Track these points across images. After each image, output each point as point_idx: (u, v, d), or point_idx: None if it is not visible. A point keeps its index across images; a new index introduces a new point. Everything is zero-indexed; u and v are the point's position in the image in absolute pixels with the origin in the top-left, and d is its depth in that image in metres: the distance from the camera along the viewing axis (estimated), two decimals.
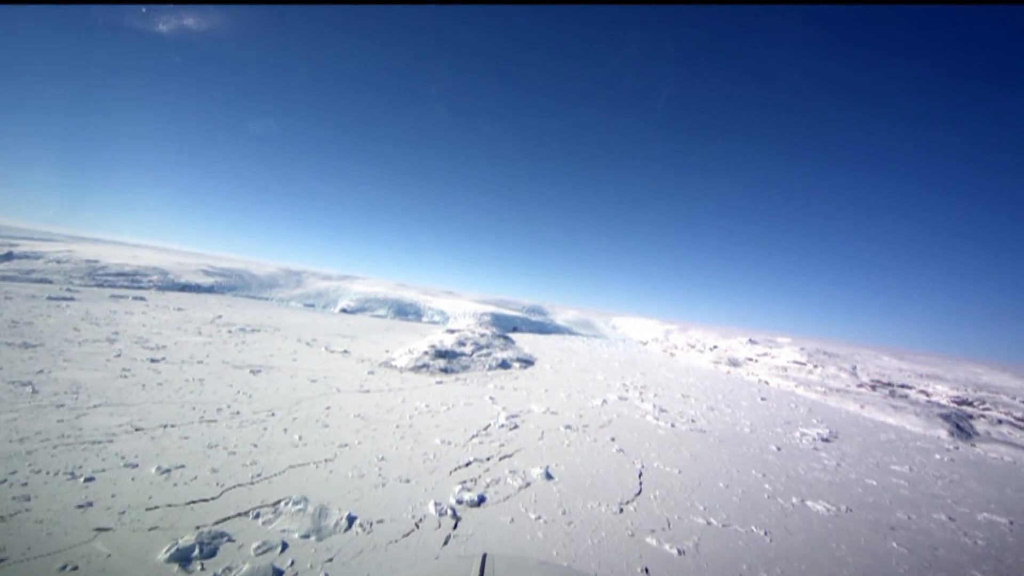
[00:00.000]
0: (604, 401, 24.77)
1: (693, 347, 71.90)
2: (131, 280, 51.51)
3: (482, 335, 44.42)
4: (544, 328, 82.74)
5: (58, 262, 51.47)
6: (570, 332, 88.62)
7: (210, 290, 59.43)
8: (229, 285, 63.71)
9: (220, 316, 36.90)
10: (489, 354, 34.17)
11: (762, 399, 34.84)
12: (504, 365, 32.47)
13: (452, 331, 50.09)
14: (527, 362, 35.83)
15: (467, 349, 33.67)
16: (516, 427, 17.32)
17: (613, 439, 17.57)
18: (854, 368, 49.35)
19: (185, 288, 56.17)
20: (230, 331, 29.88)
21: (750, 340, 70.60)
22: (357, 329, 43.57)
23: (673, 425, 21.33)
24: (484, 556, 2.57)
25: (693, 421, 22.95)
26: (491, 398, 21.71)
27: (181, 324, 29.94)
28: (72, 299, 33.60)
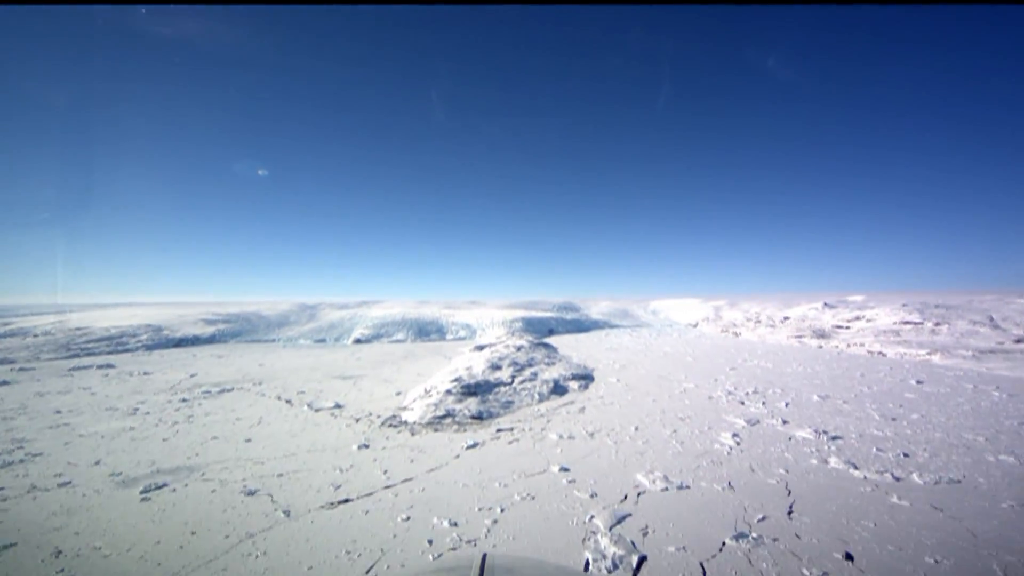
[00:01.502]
0: (735, 436, 15.17)
1: (759, 322, 60.93)
2: (116, 344, 44.47)
3: (518, 348, 35.30)
4: (582, 325, 73.11)
5: (35, 336, 44.98)
6: (610, 325, 78.72)
7: (211, 340, 52.22)
8: (233, 331, 56.50)
9: (194, 375, 28.85)
10: (535, 376, 24.90)
11: (917, 382, 24.49)
12: (558, 390, 23.13)
13: (482, 347, 41.11)
14: (585, 378, 26.41)
15: (504, 373, 24.53)
16: (642, 561, 8.02)
17: (849, 557, 8.08)
18: (991, 319, 38.03)
19: (180, 343, 49.00)
20: (185, 399, 21.55)
21: (825, 304, 59.27)
22: (368, 363, 35.02)
23: (897, 478, 11.58)
24: (484, 556, 2.37)
25: (906, 456, 13.14)
26: (563, 469, 12.42)
27: (122, 399, 21.80)
28: (5, 383, 26.02)
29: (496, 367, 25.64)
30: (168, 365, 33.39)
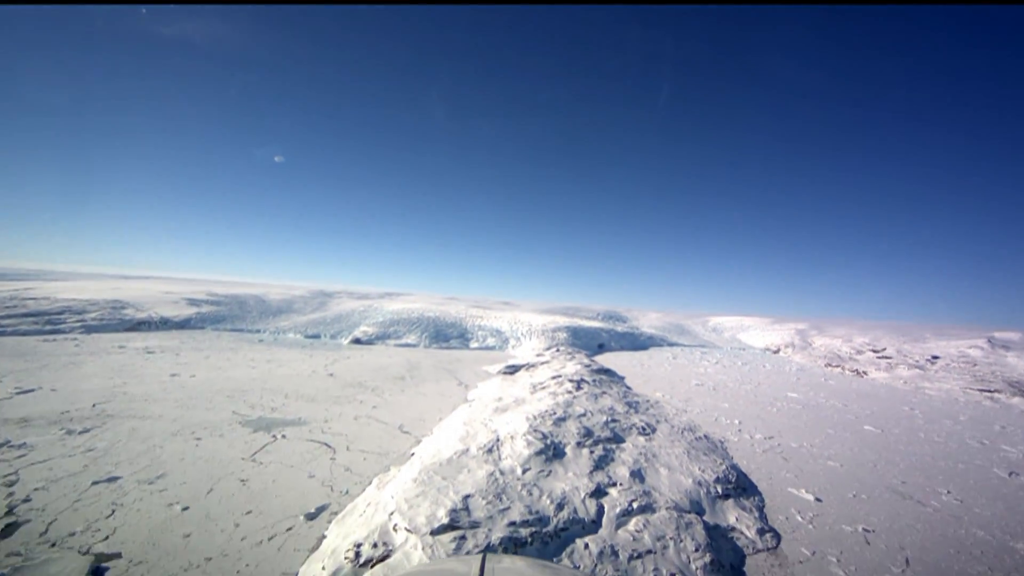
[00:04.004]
0: None
1: (887, 358, 43.61)
2: (47, 321, 33.19)
3: (578, 382, 20.87)
4: (637, 341, 57.56)
5: None
6: (667, 343, 62.71)
7: (183, 325, 40.66)
8: (216, 316, 44.96)
9: (23, 392, 16.19)
10: (642, 482, 10.29)
11: None
12: (722, 568, 8.57)
13: (515, 368, 26.85)
14: (741, 487, 11.64)
15: (574, 479, 10.14)
16: None
17: None
18: None
19: (139, 326, 37.52)
20: None
21: (991, 341, 41.49)
22: (339, 385, 21.51)
23: None
24: (484, 556, 2.31)
25: None
26: None
27: None
28: None
29: (555, 450, 11.29)
30: (36, 367, 21.07)
